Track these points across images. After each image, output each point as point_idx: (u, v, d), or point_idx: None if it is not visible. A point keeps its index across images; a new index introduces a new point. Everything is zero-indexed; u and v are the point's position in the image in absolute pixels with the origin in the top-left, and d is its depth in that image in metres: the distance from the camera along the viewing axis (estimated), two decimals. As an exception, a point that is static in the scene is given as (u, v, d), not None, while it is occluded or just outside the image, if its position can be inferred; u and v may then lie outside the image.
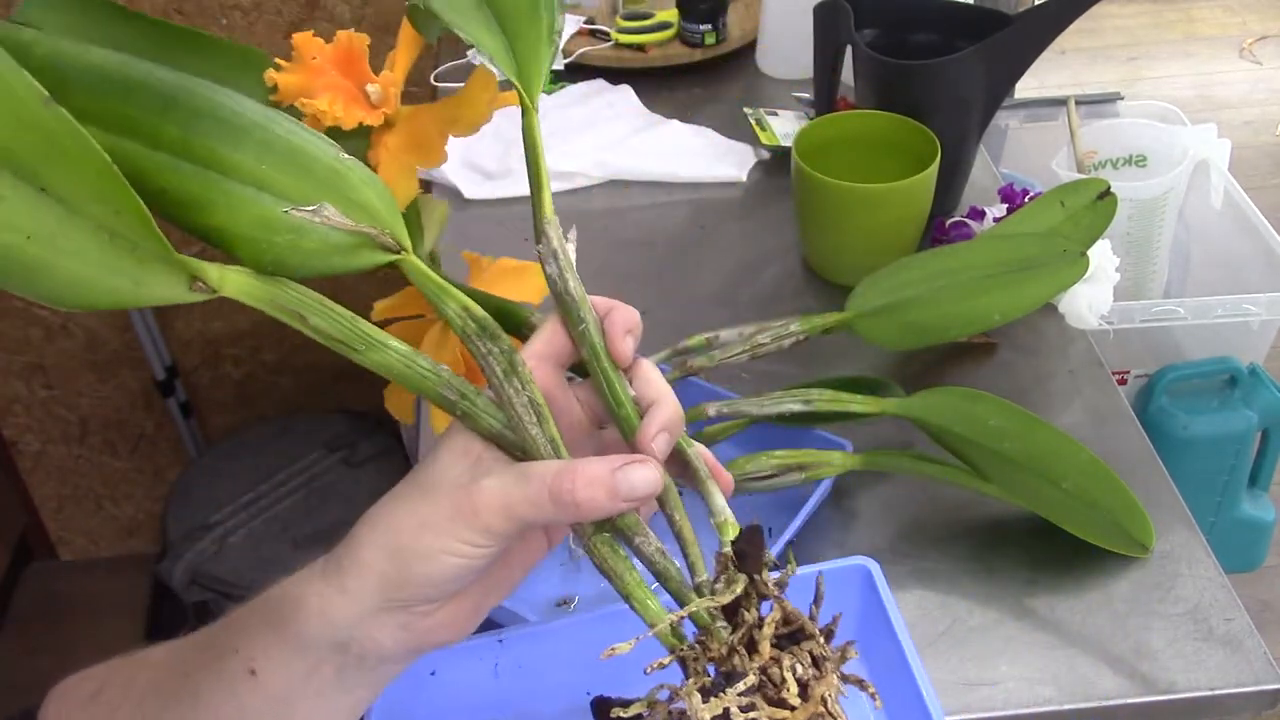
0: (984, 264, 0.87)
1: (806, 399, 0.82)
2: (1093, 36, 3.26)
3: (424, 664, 0.66)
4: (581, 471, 0.41)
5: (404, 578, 0.43)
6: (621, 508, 0.42)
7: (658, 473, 0.43)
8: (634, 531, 0.44)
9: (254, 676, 0.46)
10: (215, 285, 0.40)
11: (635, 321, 0.46)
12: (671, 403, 0.45)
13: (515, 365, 0.44)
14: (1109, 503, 0.78)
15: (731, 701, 0.39)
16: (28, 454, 1.89)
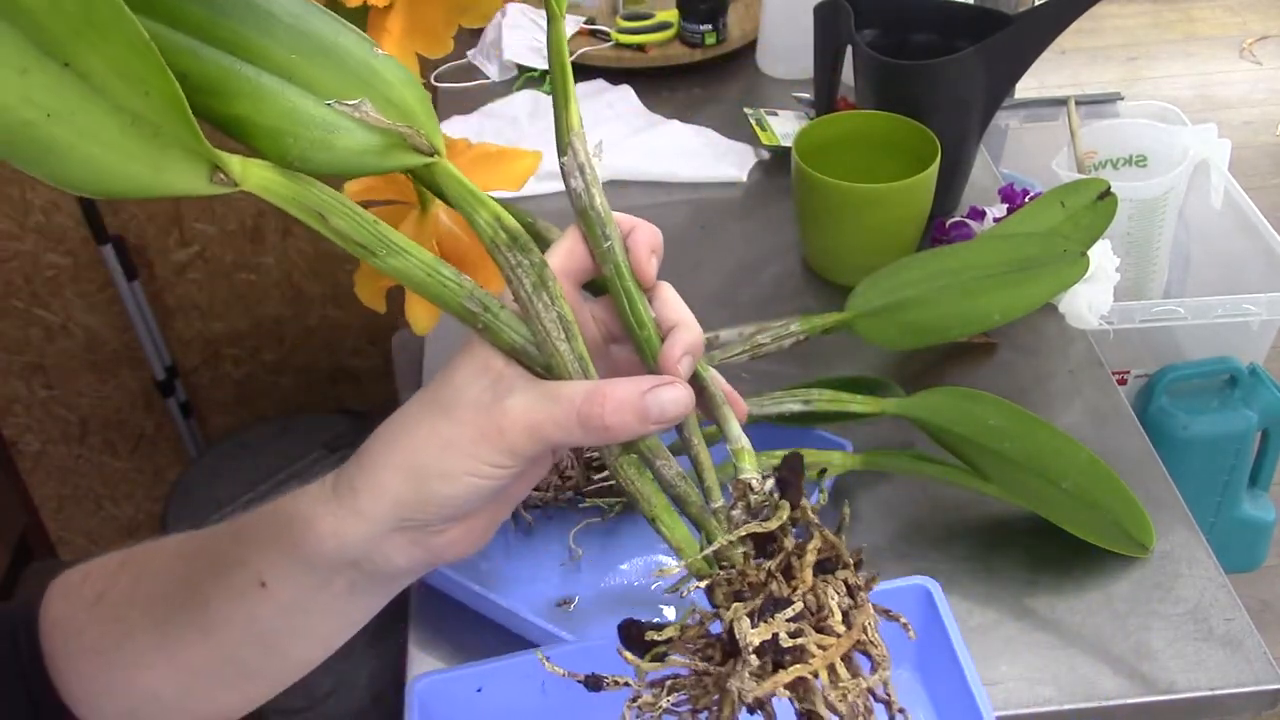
0: (984, 264, 0.87)
1: (806, 399, 0.82)
2: (1093, 36, 3.26)
3: (470, 681, 0.66)
4: (611, 394, 0.41)
5: (423, 499, 0.42)
6: (650, 430, 0.42)
7: (688, 394, 0.42)
8: (655, 454, 0.43)
9: (264, 589, 0.45)
10: (238, 178, 0.38)
11: (658, 241, 0.45)
12: (693, 325, 0.45)
13: (545, 280, 0.43)
14: (1109, 503, 0.78)
15: (780, 627, 0.38)
16: (28, 454, 1.89)
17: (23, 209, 1.65)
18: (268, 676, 0.50)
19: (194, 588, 0.47)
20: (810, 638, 0.39)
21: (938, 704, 0.70)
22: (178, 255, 1.77)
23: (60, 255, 1.71)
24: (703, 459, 0.44)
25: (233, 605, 0.46)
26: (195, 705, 0.51)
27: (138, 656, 0.49)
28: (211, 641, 0.47)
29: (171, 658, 0.48)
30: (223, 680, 0.49)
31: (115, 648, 0.49)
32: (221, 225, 1.75)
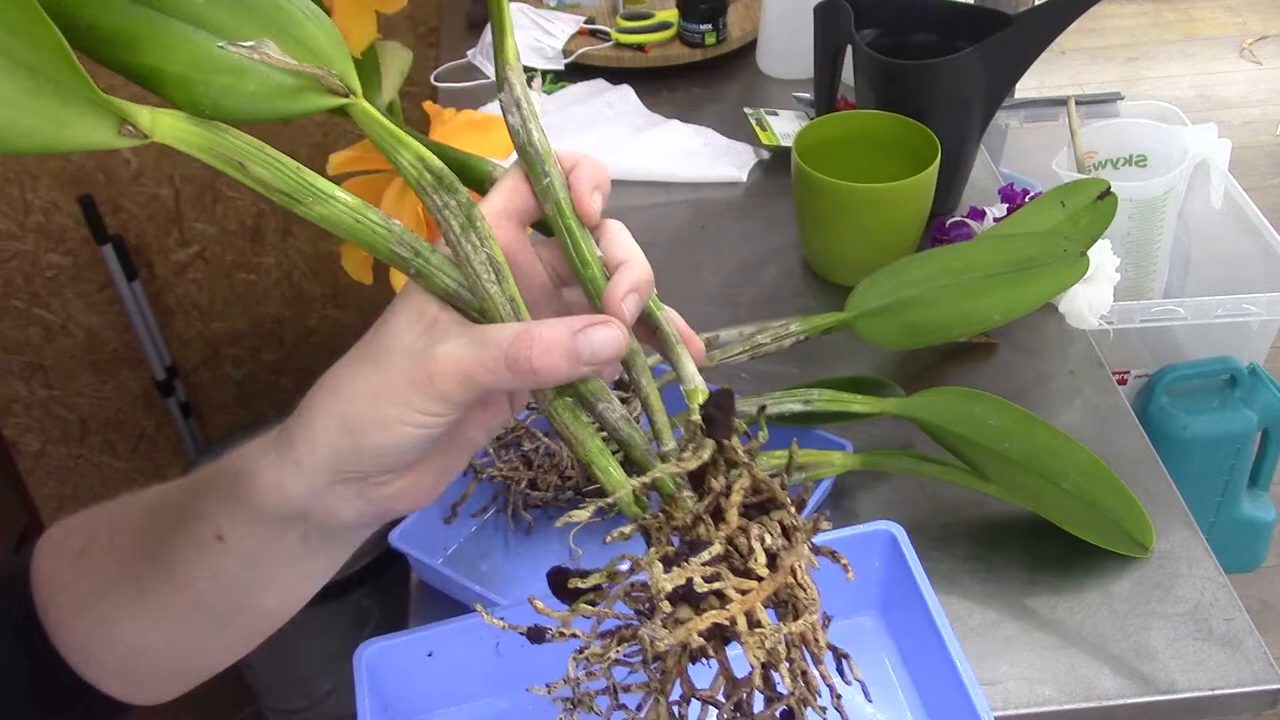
0: (984, 264, 0.87)
1: (806, 399, 0.82)
2: (1093, 36, 3.26)
3: (421, 645, 0.64)
4: (539, 336, 0.39)
5: (358, 449, 0.41)
6: (583, 372, 0.40)
7: (622, 333, 0.40)
8: (597, 397, 0.42)
9: (222, 542, 0.45)
10: (147, 129, 0.37)
11: (604, 177, 0.44)
12: (641, 263, 0.43)
13: (473, 220, 0.41)
14: (1109, 503, 0.78)
15: (695, 571, 0.37)
16: (28, 454, 1.89)
17: (23, 209, 1.65)
18: (243, 628, 0.51)
19: (161, 542, 0.47)
20: (729, 582, 0.37)
21: (904, 650, 0.70)
22: (178, 255, 1.77)
23: (60, 255, 1.71)
24: (652, 401, 0.43)
25: (196, 559, 0.46)
26: (179, 657, 0.52)
27: (119, 611, 0.49)
28: (182, 595, 0.47)
29: (149, 611, 0.49)
30: (200, 632, 0.50)
31: (98, 602, 0.50)
32: (222, 225, 1.75)
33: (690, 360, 0.44)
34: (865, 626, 0.71)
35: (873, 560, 0.69)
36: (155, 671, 0.53)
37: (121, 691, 0.53)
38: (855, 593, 0.71)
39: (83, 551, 0.51)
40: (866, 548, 0.69)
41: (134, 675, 0.53)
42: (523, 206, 0.44)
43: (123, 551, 0.49)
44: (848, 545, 0.68)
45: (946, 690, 0.63)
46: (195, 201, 1.72)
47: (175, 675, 0.54)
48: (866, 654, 0.70)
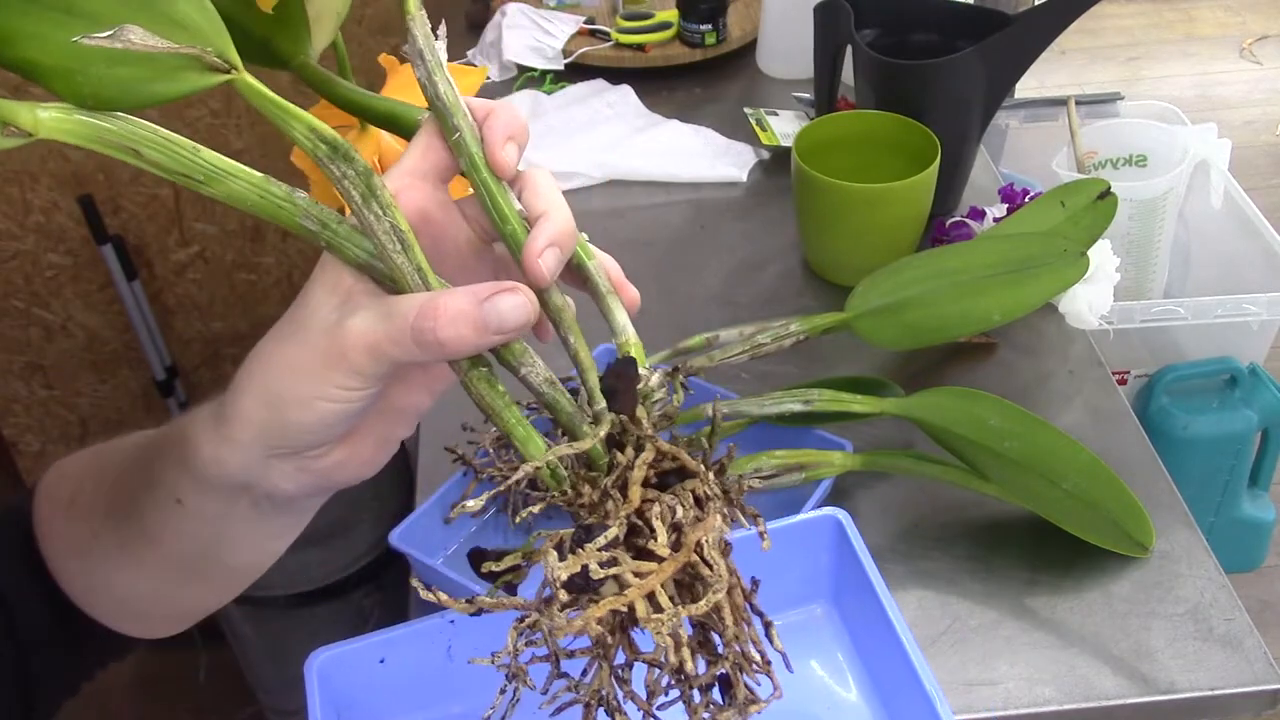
0: (984, 264, 0.87)
1: (806, 399, 0.82)
2: (1093, 36, 3.26)
3: (371, 652, 0.64)
4: (444, 306, 0.38)
5: (282, 426, 0.41)
6: (492, 341, 0.39)
7: (529, 300, 0.39)
8: (520, 361, 0.40)
9: (181, 505, 0.45)
10: (30, 128, 0.36)
11: (518, 127, 0.42)
12: (561, 214, 0.41)
13: (374, 189, 0.40)
14: (1109, 503, 0.78)
15: (590, 558, 0.35)
16: (28, 454, 1.89)
17: (23, 209, 1.65)
18: (222, 579, 0.51)
19: (133, 499, 0.48)
20: (626, 567, 0.35)
21: (855, 636, 0.70)
22: (178, 255, 1.77)
23: (60, 255, 1.71)
24: (582, 358, 0.41)
25: (161, 519, 0.46)
26: (167, 602, 0.53)
27: (107, 557, 0.50)
28: (157, 548, 0.48)
29: (130, 562, 0.49)
30: (182, 580, 0.50)
31: (89, 549, 0.51)
32: (222, 225, 1.75)
33: (622, 311, 0.43)
34: (817, 614, 0.72)
35: (821, 548, 0.69)
36: (149, 613, 0.54)
37: (123, 629, 0.55)
38: (806, 581, 0.71)
39: (72, 500, 0.52)
40: (814, 535, 0.69)
41: (130, 616, 0.54)
42: (438, 164, 0.42)
43: (105, 503, 0.50)
44: (795, 533, 0.68)
45: (898, 675, 0.63)
46: (195, 201, 1.72)
47: (168, 617, 0.55)
48: (819, 643, 0.70)
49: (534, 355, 0.41)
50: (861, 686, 0.68)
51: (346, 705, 0.64)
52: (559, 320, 0.42)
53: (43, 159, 1.61)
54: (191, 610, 0.55)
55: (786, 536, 0.68)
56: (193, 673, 1.76)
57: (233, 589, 0.53)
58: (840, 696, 0.68)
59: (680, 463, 0.38)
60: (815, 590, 0.71)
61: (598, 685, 0.37)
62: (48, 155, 1.60)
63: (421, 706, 0.66)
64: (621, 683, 0.37)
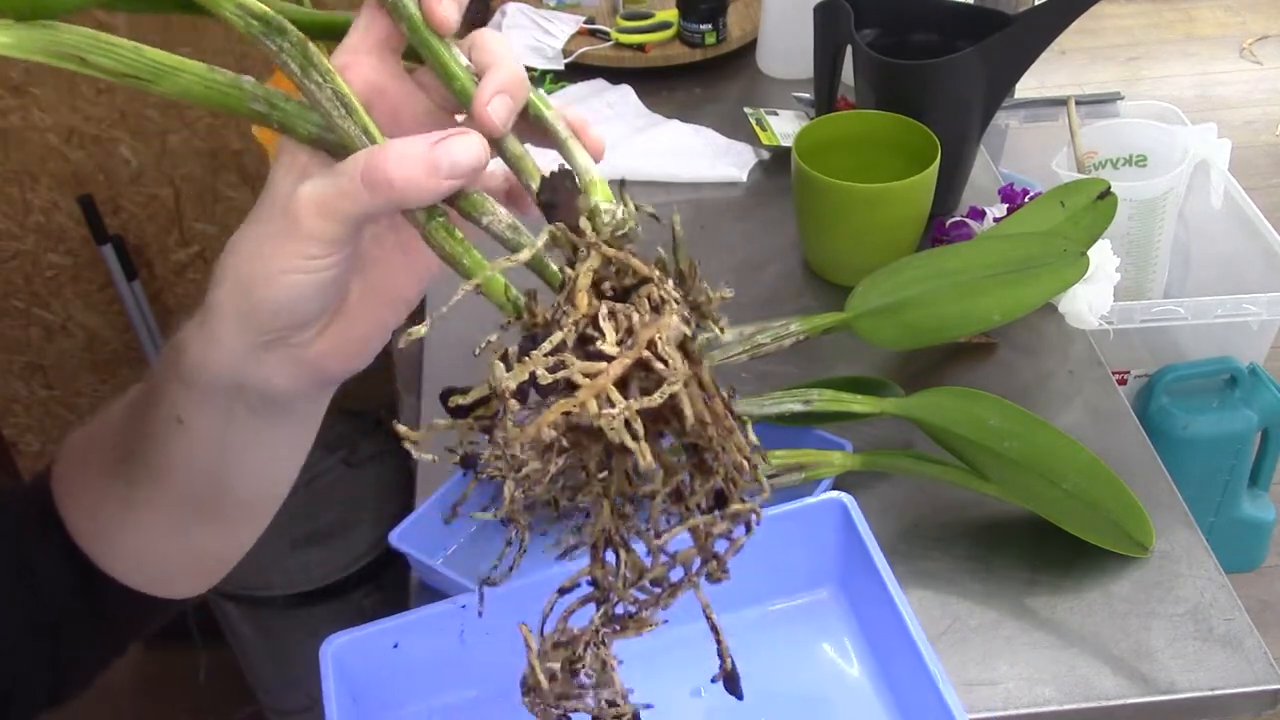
0: (984, 264, 0.87)
1: (806, 399, 0.82)
2: (1093, 36, 3.26)
3: (385, 637, 0.64)
4: (395, 148, 0.37)
5: (254, 308, 0.41)
6: (445, 185, 0.38)
7: (480, 142, 0.38)
8: (480, 210, 0.40)
9: (182, 425, 0.45)
10: None
11: None
12: (509, 65, 0.40)
13: (310, 58, 0.40)
14: (1109, 503, 0.78)
15: (537, 364, 0.34)
16: (28, 454, 1.89)
17: (23, 209, 1.65)
18: (234, 516, 0.51)
19: (139, 435, 0.48)
20: (574, 369, 0.34)
21: (862, 619, 0.70)
22: (178, 255, 1.77)
23: (60, 255, 1.71)
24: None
25: (166, 447, 0.46)
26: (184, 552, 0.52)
27: (123, 508, 0.50)
28: (166, 486, 0.48)
29: (146, 504, 0.49)
30: (195, 518, 0.50)
31: (104, 502, 0.51)
32: (222, 225, 1.75)
33: (584, 153, 0.41)
34: (824, 598, 0.72)
35: (827, 532, 0.70)
36: (168, 567, 0.54)
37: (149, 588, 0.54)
38: (812, 566, 0.71)
39: (85, 459, 0.52)
40: (820, 520, 0.69)
41: (152, 573, 0.54)
42: (383, 35, 0.41)
43: (115, 453, 0.50)
44: (802, 518, 0.69)
45: (904, 656, 0.63)
46: (195, 201, 1.72)
47: (187, 569, 0.55)
48: (827, 626, 0.71)
49: (494, 204, 0.40)
50: (868, 668, 0.69)
51: (361, 690, 0.64)
52: (520, 169, 0.40)
53: (43, 159, 1.61)
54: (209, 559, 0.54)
55: (793, 521, 0.69)
56: (193, 673, 1.76)
57: (248, 529, 0.52)
58: (848, 678, 0.68)
59: (631, 267, 0.37)
60: (822, 574, 0.72)
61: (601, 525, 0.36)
62: (48, 155, 1.60)
63: (435, 691, 0.66)
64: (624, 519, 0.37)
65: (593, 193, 0.39)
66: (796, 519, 0.69)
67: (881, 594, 0.65)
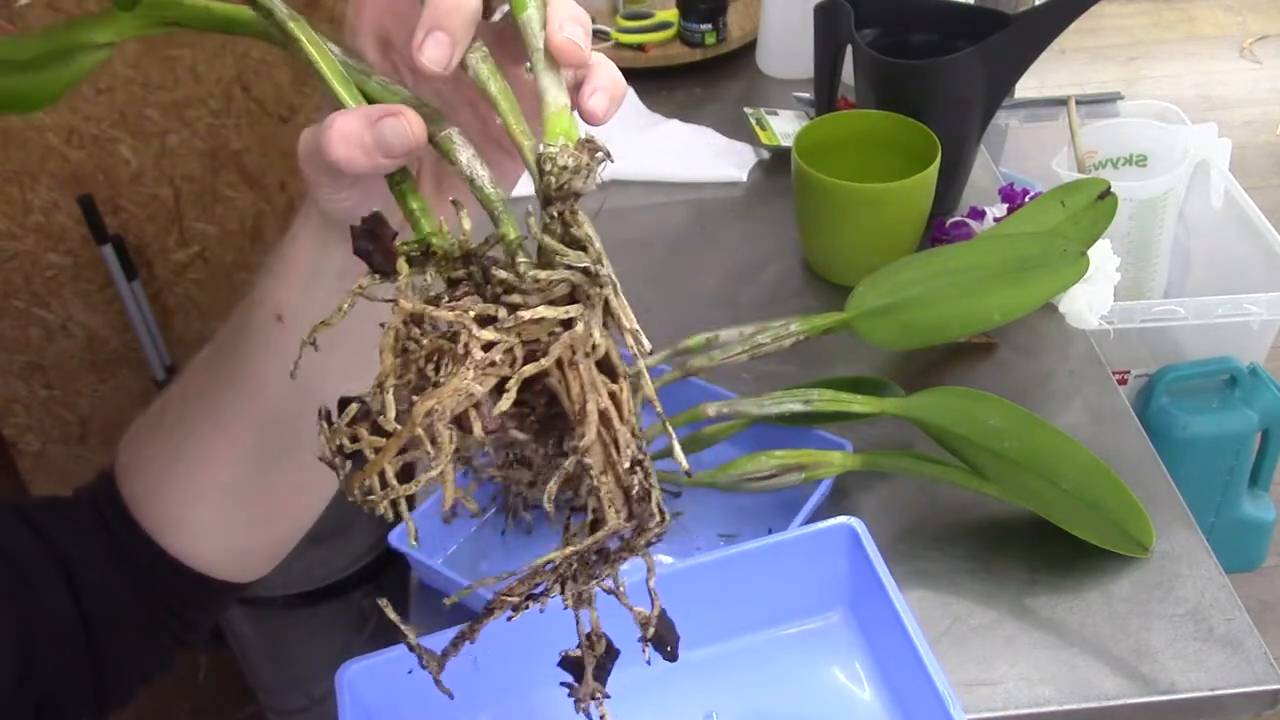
0: (984, 264, 0.87)
1: (806, 399, 0.82)
2: (1093, 36, 3.26)
3: (400, 664, 0.65)
4: (336, 126, 0.38)
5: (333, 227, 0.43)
6: (383, 163, 0.38)
7: (411, 126, 0.38)
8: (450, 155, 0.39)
9: (281, 323, 0.47)
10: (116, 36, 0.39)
11: None
12: None
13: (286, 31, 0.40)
14: (1109, 503, 0.78)
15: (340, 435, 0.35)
16: (28, 454, 1.89)
17: (23, 209, 1.65)
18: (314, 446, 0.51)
19: (230, 351, 0.50)
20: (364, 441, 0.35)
21: (872, 642, 0.71)
22: (178, 255, 1.77)
23: (60, 255, 1.71)
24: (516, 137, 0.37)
25: (261, 352, 0.48)
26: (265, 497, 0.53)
27: (201, 451, 0.51)
28: (256, 405, 0.49)
29: (227, 440, 0.51)
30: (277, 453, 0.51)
31: (180, 454, 0.52)
32: (221, 225, 1.75)
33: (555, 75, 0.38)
34: (834, 621, 0.72)
35: (837, 556, 0.70)
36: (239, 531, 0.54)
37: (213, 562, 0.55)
38: (823, 590, 0.71)
39: (162, 412, 0.54)
40: (829, 544, 0.70)
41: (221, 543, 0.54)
42: None
43: (198, 388, 0.52)
44: (811, 543, 0.69)
45: (914, 680, 0.63)
46: (195, 201, 1.72)
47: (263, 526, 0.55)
48: (837, 650, 0.71)
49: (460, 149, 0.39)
50: (878, 692, 0.69)
51: (376, 716, 0.64)
52: (486, 93, 0.38)
53: (42, 159, 1.61)
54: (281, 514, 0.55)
55: (803, 545, 0.70)
56: (193, 673, 1.76)
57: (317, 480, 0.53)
58: (859, 702, 0.68)
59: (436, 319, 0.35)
60: (832, 598, 0.72)
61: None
62: (48, 155, 1.60)
63: (450, 717, 0.66)
64: None
65: (548, 130, 0.36)
66: (807, 543, 0.70)
67: (892, 618, 0.65)
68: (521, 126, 0.38)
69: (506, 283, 0.35)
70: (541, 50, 0.38)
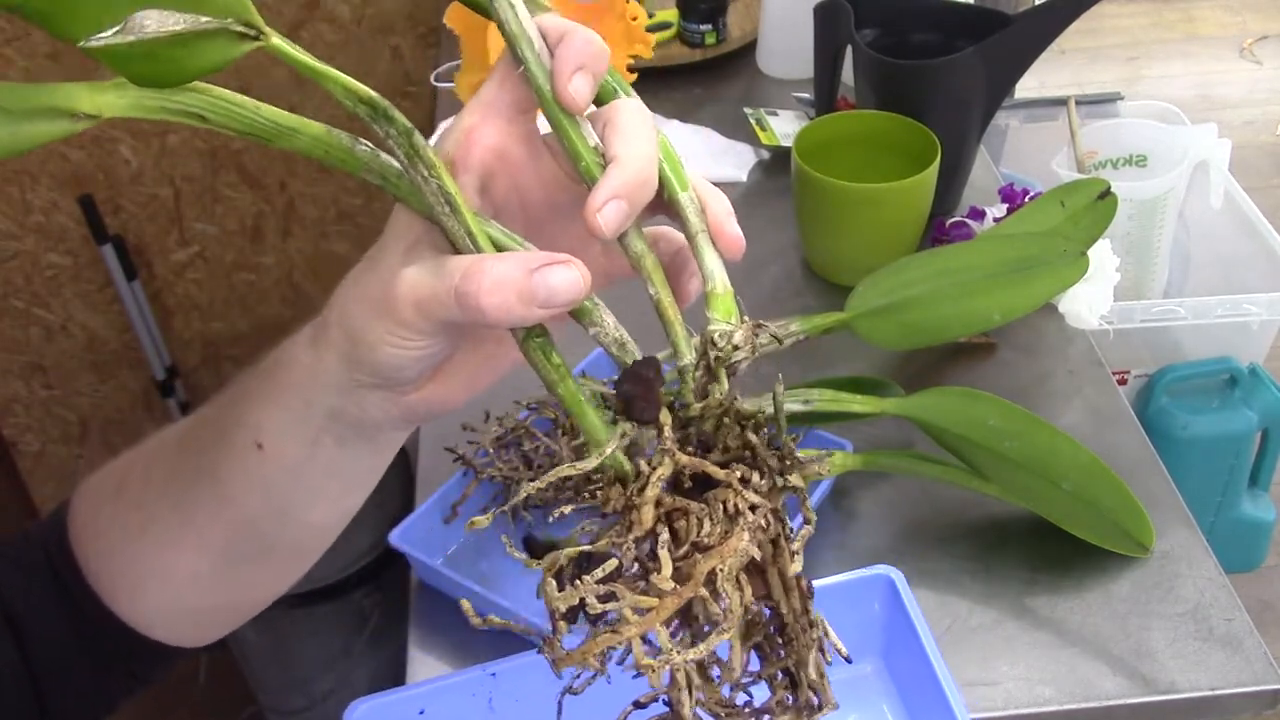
0: (984, 264, 0.87)
1: (806, 399, 0.82)
2: (1093, 36, 3.26)
3: (412, 704, 0.64)
4: (490, 272, 0.35)
5: (359, 361, 0.40)
6: (538, 314, 0.36)
7: (581, 276, 0.36)
8: (588, 319, 0.38)
9: (262, 451, 0.44)
10: (96, 111, 0.37)
11: (590, 54, 0.38)
12: (634, 162, 0.37)
13: (417, 149, 0.38)
14: (1109, 503, 0.78)
15: (588, 590, 0.33)
16: (28, 454, 1.89)
17: (23, 209, 1.65)
18: (291, 547, 0.49)
19: (202, 456, 0.46)
20: (625, 601, 0.33)
21: (905, 696, 0.70)
22: (178, 255, 1.77)
23: (60, 255, 1.71)
24: (666, 311, 0.38)
25: (238, 472, 0.45)
26: (232, 585, 0.51)
27: (166, 538, 0.48)
28: (228, 513, 0.47)
29: (196, 534, 0.48)
30: (249, 554, 0.49)
31: (141, 534, 0.49)
32: (222, 225, 1.75)
33: (713, 252, 0.38)
34: (866, 672, 0.72)
35: (872, 604, 0.69)
36: (206, 604, 0.52)
37: (169, 633, 0.53)
38: (856, 638, 0.71)
39: (120, 486, 0.51)
40: (866, 592, 0.69)
41: (176, 619, 0.52)
42: (516, 95, 0.39)
43: (164, 477, 0.49)
44: (847, 591, 0.69)
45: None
46: (195, 201, 1.72)
47: (226, 607, 0.53)
48: (868, 700, 0.71)
49: (603, 314, 0.38)
50: None
51: None
52: (639, 267, 0.38)
53: (42, 159, 1.61)
54: (243, 603, 0.53)
55: (839, 594, 0.69)
56: (193, 673, 1.76)
57: (298, 564, 0.51)
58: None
59: (706, 474, 0.35)
60: (866, 647, 0.72)
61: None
62: (47, 155, 1.60)
63: None
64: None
65: (713, 308, 0.37)
66: (842, 592, 0.69)
67: (926, 670, 0.64)
68: (671, 300, 0.39)
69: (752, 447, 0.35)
70: (705, 232, 0.39)
